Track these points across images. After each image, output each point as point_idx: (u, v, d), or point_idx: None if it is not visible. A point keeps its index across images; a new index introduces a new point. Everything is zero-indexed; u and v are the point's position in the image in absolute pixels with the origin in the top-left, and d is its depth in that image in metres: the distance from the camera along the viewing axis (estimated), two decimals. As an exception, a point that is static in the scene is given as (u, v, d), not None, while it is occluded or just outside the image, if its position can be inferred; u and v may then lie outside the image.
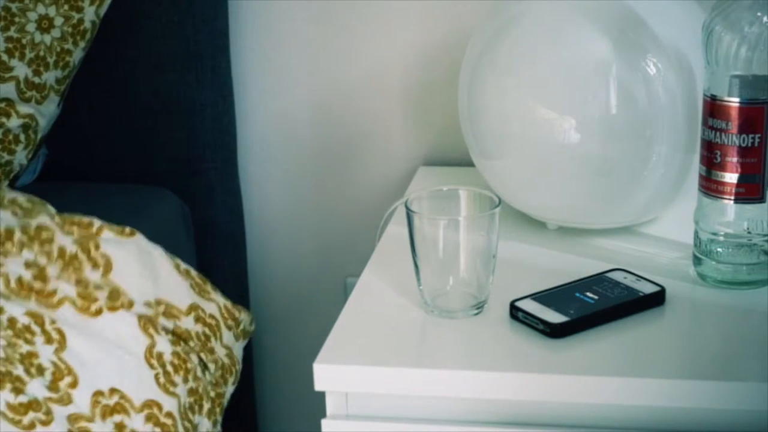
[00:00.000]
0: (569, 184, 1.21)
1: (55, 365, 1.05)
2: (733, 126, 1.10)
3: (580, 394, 1.01)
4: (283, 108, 1.54)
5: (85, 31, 1.32)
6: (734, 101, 1.10)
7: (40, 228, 1.13)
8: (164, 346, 1.14)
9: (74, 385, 1.05)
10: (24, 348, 1.03)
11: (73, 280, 1.12)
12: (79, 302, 1.10)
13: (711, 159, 1.12)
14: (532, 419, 1.04)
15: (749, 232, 1.12)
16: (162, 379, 1.12)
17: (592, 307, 1.08)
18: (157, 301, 1.17)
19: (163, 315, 1.16)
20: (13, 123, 1.31)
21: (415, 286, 1.11)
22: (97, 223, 1.17)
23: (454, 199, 1.12)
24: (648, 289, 1.11)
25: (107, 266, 1.14)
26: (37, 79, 1.30)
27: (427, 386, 1.02)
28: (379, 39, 1.50)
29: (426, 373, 1.02)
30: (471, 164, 1.32)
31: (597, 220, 1.25)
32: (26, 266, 1.09)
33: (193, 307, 1.20)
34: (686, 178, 1.21)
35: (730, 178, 1.11)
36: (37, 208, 1.15)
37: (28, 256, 1.10)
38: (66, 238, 1.13)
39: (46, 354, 1.05)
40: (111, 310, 1.12)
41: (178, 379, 1.13)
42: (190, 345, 1.17)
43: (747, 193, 1.11)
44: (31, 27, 1.28)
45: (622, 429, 1.03)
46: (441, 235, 1.08)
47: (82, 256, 1.13)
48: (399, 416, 1.05)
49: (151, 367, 1.12)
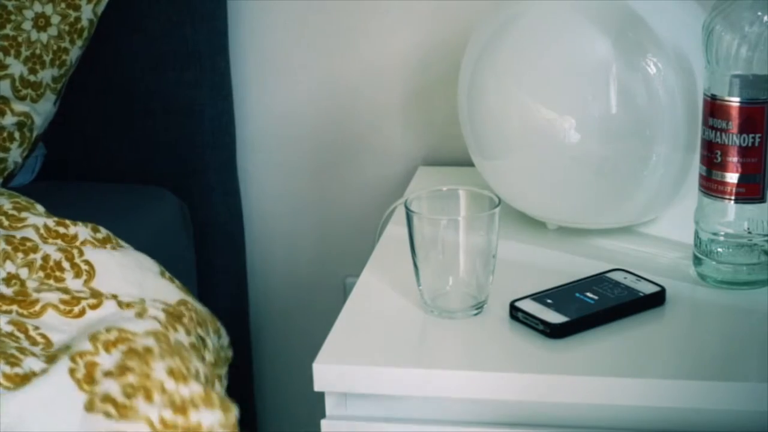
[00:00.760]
0: (569, 184, 1.21)
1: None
2: (734, 126, 1.10)
3: (580, 394, 1.01)
4: (282, 108, 1.54)
5: (82, 30, 1.32)
6: (734, 101, 1.09)
7: (24, 239, 1.12)
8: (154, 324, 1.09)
9: None
10: (11, 349, 1.02)
11: (55, 288, 1.10)
12: (62, 306, 1.08)
13: (711, 159, 1.12)
14: (532, 420, 1.03)
15: (749, 232, 1.12)
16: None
17: (592, 308, 1.08)
18: (142, 299, 1.14)
19: (152, 306, 1.13)
20: (8, 121, 1.30)
21: (415, 287, 1.11)
22: (82, 236, 1.15)
23: (454, 199, 1.12)
24: (648, 289, 1.11)
25: (90, 273, 1.13)
26: (32, 77, 1.29)
27: (426, 387, 1.02)
28: (378, 38, 1.50)
29: (425, 373, 1.02)
30: (471, 164, 1.32)
31: (597, 220, 1.25)
32: (7, 281, 1.08)
33: (183, 302, 1.16)
34: (686, 178, 1.21)
35: (731, 177, 1.11)
36: (23, 214, 1.14)
37: (10, 268, 1.09)
38: (49, 247, 1.12)
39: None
40: (94, 308, 1.10)
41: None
42: (183, 322, 1.13)
43: (747, 193, 1.11)
44: (27, 25, 1.28)
45: (622, 429, 1.02)
46: (440, 235, 1.07)
47: (66, 264, 1.12)
48: (398, 417, 1.05)
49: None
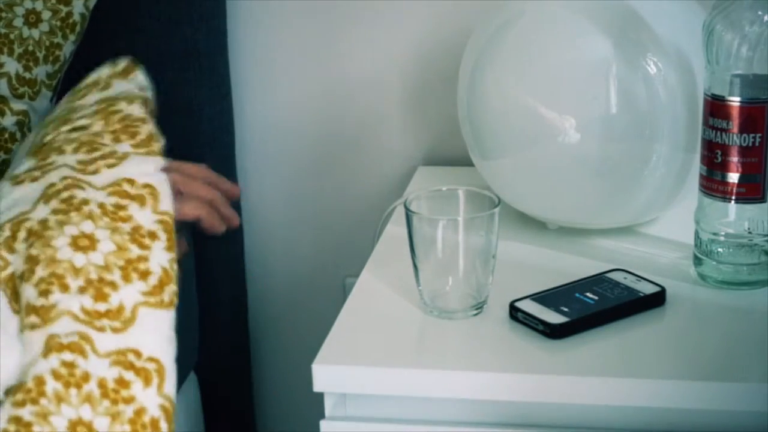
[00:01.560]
0: (569, 184, 1.21)
1: None
2: (734, 125, 1.10)
3: (579, 394, 1.01)
4: (281, 107, 1.54)
5: (74, 24, 1.31)
6: (735, 100, 1.09)
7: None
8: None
9: None
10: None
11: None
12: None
13: (712, 159, 1.12)
14: (532, 420, 1.03)
15: (750, 232, 1.12)
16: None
17: (592, 308, 1.08)
18: None
19: None
20: (8, 121, 1.30)
21: (414, 287, 1.10)
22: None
23: (454, 199, 1.12)
24: (648, 289, 1.11)
25: None
26: (28, 75, 1.29)
27: (426, 387, 1.02)
28: (378, 38, 1.50)
29: (425, 373, 1.02)
30: (470, 164, 1.32)
31: (597, 220, 1.25)
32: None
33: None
34: (687, 178, 1.21)
35: (731, 177, 1.11)
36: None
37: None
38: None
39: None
40: None
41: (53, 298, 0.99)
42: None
43: (748, 193, 1.11)
44: (18, 22, 1.27)
45: (622, 430, 1.02)
46: (440, 236, 1.07)
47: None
48: (398, 417, 1.05)
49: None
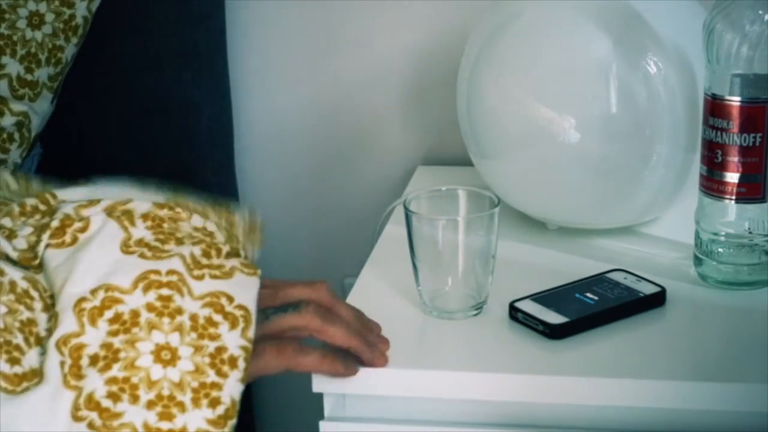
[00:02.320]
0: (569, 184, 1.20)
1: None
2: (734, 125, 1.09)
3: (579, 395, 1.00)
4: (280, 107, 1.54)
5: (77, 27, 1.31)
6: (735, 100, 1.09)
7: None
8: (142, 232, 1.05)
9: None
10: (17, 337, 0.99)
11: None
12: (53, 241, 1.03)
13: (712, 158, 1.11)
14: (532, 421, 1.03)
15: (750, 232, 1.12)
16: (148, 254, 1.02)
17: (592, 308, 1.08)
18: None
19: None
20: (7, 121, 1.30)
21: (414, 287, 1.10)
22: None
23: (453, 199, 1.11)
24: (648, 289, 1.11)
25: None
26: (29, 77, 1.29)
27: (425, 388, 1.02)
28: (377, 38, 1.50)
29: (424, 374, 1.02)
30: (470, 164, 1.32)
31: (597, 220, 1.25)
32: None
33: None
34: (687, 178, 1.21)
35: (731, 177, 1.10)
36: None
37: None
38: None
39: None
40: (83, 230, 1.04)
41: (169, 246, 1.04)
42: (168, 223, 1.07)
43: (748, 193, 1.11)
44: (21, 23, 1.27)
45: (622, 430, 1.02)
46: (440, 236, 1.07)
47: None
48: (397, 418, 1.05)
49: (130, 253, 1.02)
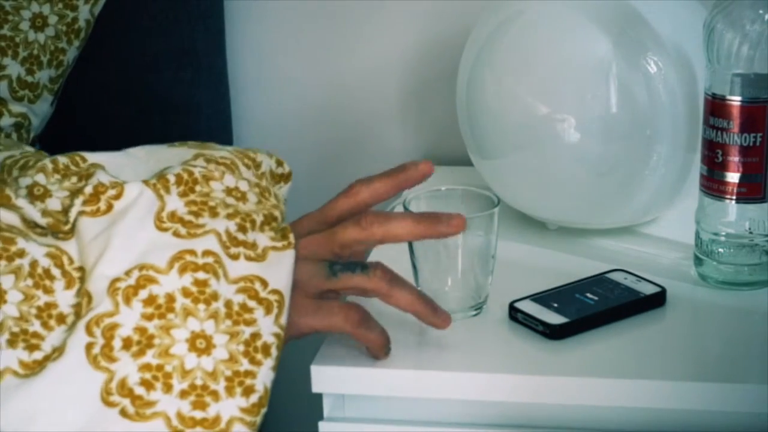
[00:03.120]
0: (569, 184, 1.20)
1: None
2: (735, 125, 1.09)
3: (579, 395, 1.00)
4: (279, 107, 1.54)
5: (79, 30, 1.31)
6: (736, 100, 1.09)
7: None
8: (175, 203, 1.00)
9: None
10: (33, 324, 0.94)
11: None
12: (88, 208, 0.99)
13: (712, 158, 1.11)
14: (532, 421, 1.03)
15: (751, 233, 1.12)
16: (182, 231, 0.98)
17: (592, 309, 1.07)
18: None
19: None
20: (6, 122, 1.30)
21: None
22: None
23: (453, 199, 1.11)
24: (648, 290, 1.10)
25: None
26: (30, 78, 1.29)
27: (425, 388, 1.02)
28: (376, 37, 1.50)
29: (424, 374, 1.02)
30: (470, 164, 1.31)
31: (597, 220, 1.24)
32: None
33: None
34: (687, 178, 1.20)
35: (732, 177, 1.10)
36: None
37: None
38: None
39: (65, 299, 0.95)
40: (117, 197, 0.99)
41: (203, 220, 1.00)
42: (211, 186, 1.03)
43: (749, 193, 1.11)
44: (24, 25, 1.27)
45: (622, 431, 1.02)
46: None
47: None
48: (396, 418, 1.05)
49: (165, 230, 0.98)
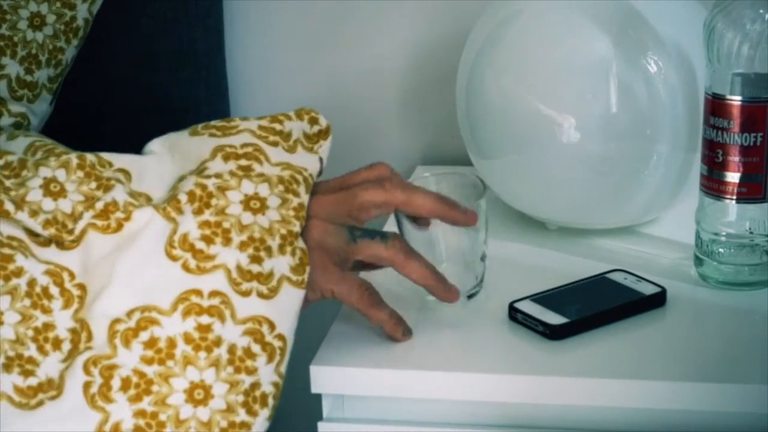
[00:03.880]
0: (569, 184, 1.20)
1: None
2: (735, 125, 1.09)
3: (579, 396, 1.00)
4: (278, 107, 1.52)
5: (77, 29, 1.31)
6: (736, 99, 1.09)
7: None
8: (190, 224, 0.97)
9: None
10: (29, 348, 0.93)
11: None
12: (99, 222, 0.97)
13: (712, 158, 1.11)
14: (532, 422, 1.03)
15: (751, 233, 1.12)
16: (192, 264, 0.96)
17: (592, 309, 1.07)
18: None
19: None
20: (4, 122, 1.29)
21: (413, 287, 1.10)
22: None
23: (441, 186, 1.12)
24: (649, 290, 1.10)
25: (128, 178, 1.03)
26: (29, 78, 1.29)
27: (424, 389, 1.02)
28: (376, 37, 1.49)
29: (423, 375, 1.01)
30: (469, 163, 1.31)
31: (597, 220, 1.24)
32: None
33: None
34: (687, 178, 1.20)
35: (732, 177, 1.10)
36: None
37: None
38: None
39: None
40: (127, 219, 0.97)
41: (214, 249, 0.96)
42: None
43: (749, 193, 1.10)
44: (23, 24, 1.27)
45: (622, 432, 1.02)
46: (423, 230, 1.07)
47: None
48: (396, 419, 1.04)
49: (175, 259, 0.96)
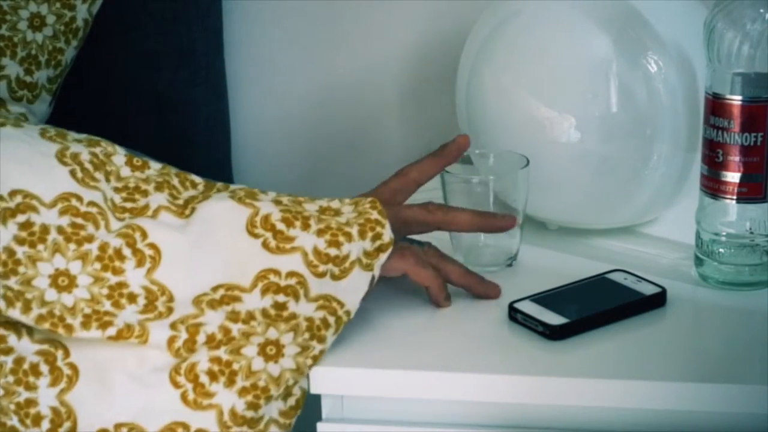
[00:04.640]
0: (569, 184, 1.20)
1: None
2: (735, 124, 1.09)
3: (579, 396, 1.00)
4: (278, 106, 1.54)
5: (77, 30, 1.31)
6: (736, 99, 1.09)
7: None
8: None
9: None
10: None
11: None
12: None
13: (713, 158, 1.11)
14: (531, 422, 1.03)
15: (751, 233, 1.12)
16: (191, 396, 0.99)
17: (592, 309, 1.07)
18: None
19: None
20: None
21: (413, 287, 1.10)
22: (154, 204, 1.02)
23: (485, 161, 1.20)
24: (649, 290, 1.10)
25: (154, 261, 0.99)
26: (28, 78, 1.28)
27: (424, 389, 1.02)
28: (376, 37, 1.49)
29: (423, 375, 1.01)
30: (469, 162, 1.31)
31: (597, 220, 1.24)
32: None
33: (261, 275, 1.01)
34: (687, 178, 1.20)
35: (732, 177, 1.10)
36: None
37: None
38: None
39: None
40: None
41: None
42: (252, 325, 1.00)
43: (749, 193, 1.10)
44: (22, 25, 1.27)
45: (622, 432, 1.02)
46: (472, 194, 1.14)
47: (127, 251, 0.99)
48: (395, 419, 1.04)
49: (177, 386, 0.99)
